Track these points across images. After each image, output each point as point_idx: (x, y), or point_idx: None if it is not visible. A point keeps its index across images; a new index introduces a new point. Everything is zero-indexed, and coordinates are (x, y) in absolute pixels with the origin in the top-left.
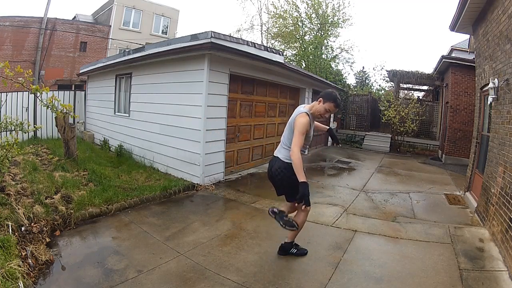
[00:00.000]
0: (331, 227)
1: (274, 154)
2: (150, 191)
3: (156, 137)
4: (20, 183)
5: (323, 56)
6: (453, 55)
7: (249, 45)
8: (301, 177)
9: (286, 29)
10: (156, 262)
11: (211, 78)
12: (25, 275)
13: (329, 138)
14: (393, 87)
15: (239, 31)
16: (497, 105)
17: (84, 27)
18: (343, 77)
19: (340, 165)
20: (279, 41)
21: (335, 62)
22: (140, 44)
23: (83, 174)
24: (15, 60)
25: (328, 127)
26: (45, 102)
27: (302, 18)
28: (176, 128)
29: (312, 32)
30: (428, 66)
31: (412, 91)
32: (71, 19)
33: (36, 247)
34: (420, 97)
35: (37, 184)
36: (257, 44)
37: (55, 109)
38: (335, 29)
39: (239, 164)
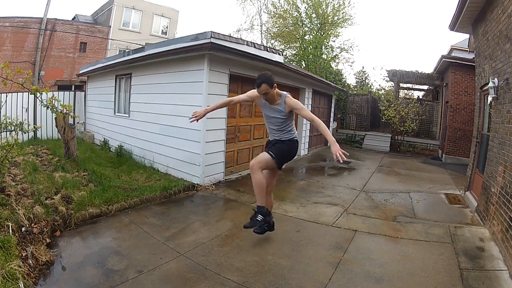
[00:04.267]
0: (331, 227)
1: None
2: (150, 192)
3: (156, 137)
4: (20, 184)
5: (323, 56)
6: (453, 54)
7: (249, 45)
8: None
9: (286, 29)
10: (157, 263)
11: (211, 78)
12: (25, 275)
13: None
14: (393, 86)
15: (239, 31)
16: (497, 105)
17: (83, 27)
18: (343, 77)
19: (340, 165)
20: (279, 41)
21: (335, 62)
22: (140, 44)
23: (83, 175)
24: (15, 60)
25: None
26: (45, 103)
27: (302, 18)
28: (176, 128)
29: (312, 32)
30: (428, 66)
31: (412, 91)
32: (70, 19)
33: (36, 248)
34: (420, 97)
35: (37, 184)
36: (256, 44)
37: (55, 110)
38: (335, 29)
39: (239, 164)
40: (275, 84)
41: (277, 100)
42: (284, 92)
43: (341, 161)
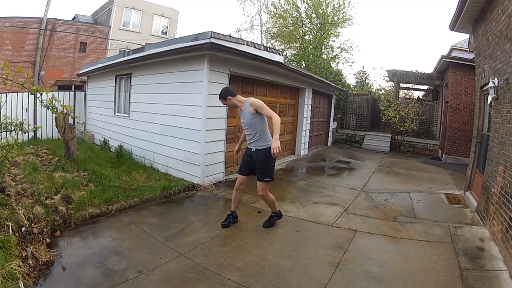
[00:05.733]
0: (331, 227)
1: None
2: (150, 192)
3: (156, 137)
4: (20, 184)
5: (323, 56)
6: (453, 54)
7: (249, 45)
8: None
9: (286, 29)
10: (157, 263)
11: (211, 78)
12: (25, 275)
13: (330, 137)
14: (393, 86)
15: (239, 31)
16: (497, 105)
17: (83, 27)
18: (343, 77)
19: (340, 165)
20: (279, 41)
21: (335, 62)
22: (139, 44)
23: (83, 175)
24: (15, 61)
25: None
26: (45, 103)
27: (302, 18)
28: (176, 128)
29: (312, 32)
30: (428, 66)
31: (412, 91)
32: (70, 19)
33: (36, 248)
34: (420, 97)
35: (37, 184)
36: (256, 44)
37: (55, 110)
38: (335, 29)
39: (239, 164)
40: (229, 96)
41: (243, 106)
42: (247, 98)
43: (275, 155)
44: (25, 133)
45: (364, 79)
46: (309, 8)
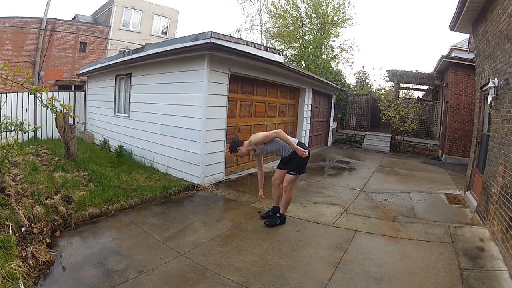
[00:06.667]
0: (331, 227)
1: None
2: (150, 192)
3: (156, 137)
4: (20, 184)
5: (323, 56)
6: (453, 54)
7: (249, 45)
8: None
9: (286, 29)
10: (157, 263)
11: (211, 78)
12: (25, 275)
13: (329, 137)
14: (393, 86)
15: (239, 31)
16: (497, 104)
17: (83, 27)
18: (343, 77)
19: (340, 165)
20: (279, 41)
21: (335, 62)
22: (139, 44)
23: (83, 175)
24: (15, 60)
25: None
26: (45, 103)
27: (302, 18)
28: (176, 128)
29: (312, 32)
30: (428, 66)
31: (412, 91)
32: (70, 19)
33: (36, 248)
34: (420, 97)
35: (37, 184)
36: (256, 44)
37: (55, 110)
38: (335, 29)
39: (239, 164)
40: (239, 148)
41: (251, 148)
42: (249, 139)
43: (304, 156)
44: (25, 133)
45: (364, 79)
46: (309, 8)
